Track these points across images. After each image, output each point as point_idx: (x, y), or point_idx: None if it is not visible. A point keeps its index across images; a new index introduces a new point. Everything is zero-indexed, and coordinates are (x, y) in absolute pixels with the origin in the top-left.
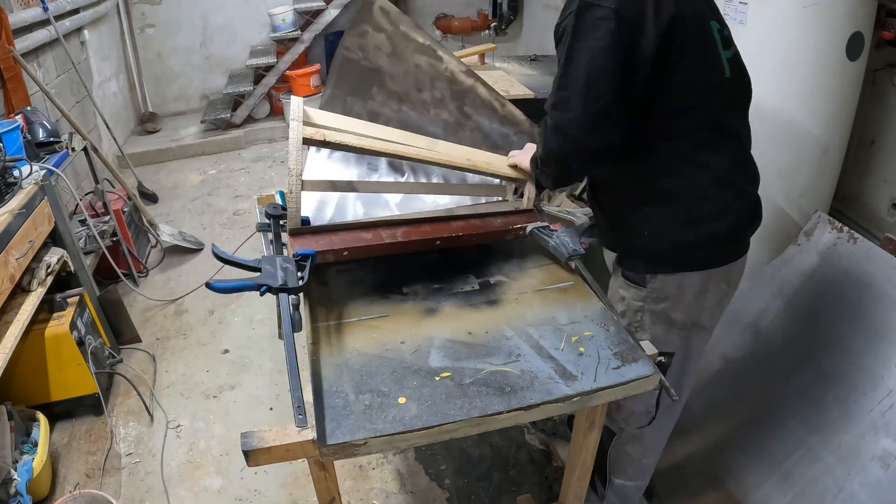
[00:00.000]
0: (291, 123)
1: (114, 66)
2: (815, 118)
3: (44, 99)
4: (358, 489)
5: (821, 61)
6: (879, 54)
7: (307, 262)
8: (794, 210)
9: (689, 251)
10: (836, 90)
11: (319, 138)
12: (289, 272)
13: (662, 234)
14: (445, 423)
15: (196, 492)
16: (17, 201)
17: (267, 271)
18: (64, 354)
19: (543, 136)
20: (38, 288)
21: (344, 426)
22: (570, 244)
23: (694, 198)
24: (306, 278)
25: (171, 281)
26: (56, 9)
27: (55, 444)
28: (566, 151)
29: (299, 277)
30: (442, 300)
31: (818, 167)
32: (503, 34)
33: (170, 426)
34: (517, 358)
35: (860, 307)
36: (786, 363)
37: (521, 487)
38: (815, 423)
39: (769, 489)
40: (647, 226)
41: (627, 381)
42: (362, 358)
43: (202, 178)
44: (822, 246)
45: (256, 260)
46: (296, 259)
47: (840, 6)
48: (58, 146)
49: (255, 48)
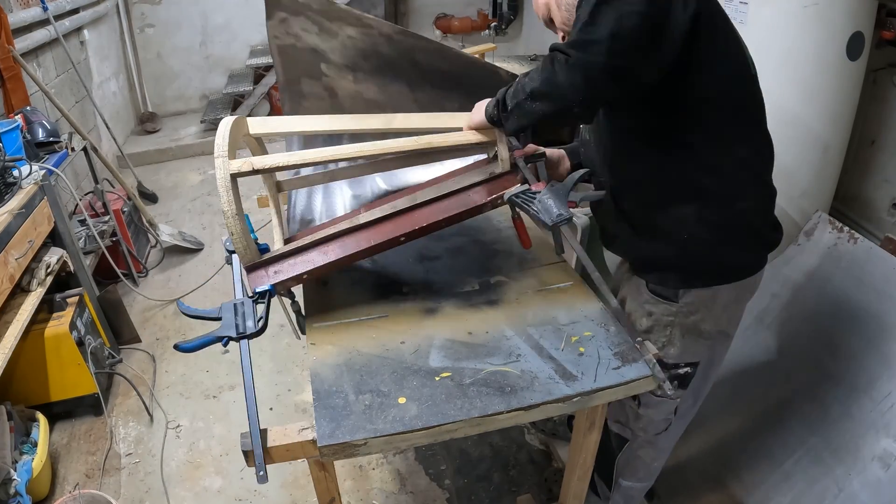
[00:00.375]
0: (216, 161)
1: (113, 66)
2: (815, 118)
3: (43, 99)
4: (358, 489)
5: (821, 61)
6: (880, 54)
7: (265, 299)
8: (794, 210)
9: (726, 258)
10: (837, 90)
11: (248, 169)
12: (246, 316)
13: (699, 236)
14: (445, 423)
15: (196, 492)
16: (16, 201)
17: (226, 321)
18: (63, 354)
19: (547, 71)
20: (38, 288)
21: (344, 426)
22: (553, 208)
23: (732, 196)
24: (266, 318)
25: (170, 281)
26: (56, 8)
27: (55, 445)
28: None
29: (258, 318)
30: (442, 300)
31: (818, 167)
32: (503, 34)
33: (169, 426)
34: (517, 358)
35: (860, 307)
36: (786, 363)
37: (521, 488)
38: (816, 424)
39: (769, 489)
40: (683, 228)
41: (628, 382)
42: (362, 358)
43: (202, 177)
44: (823, 246)
45: (217, 309)
46: (253, 298)
47: (840, 6)
48: (57, 146)
49: (254, 48)
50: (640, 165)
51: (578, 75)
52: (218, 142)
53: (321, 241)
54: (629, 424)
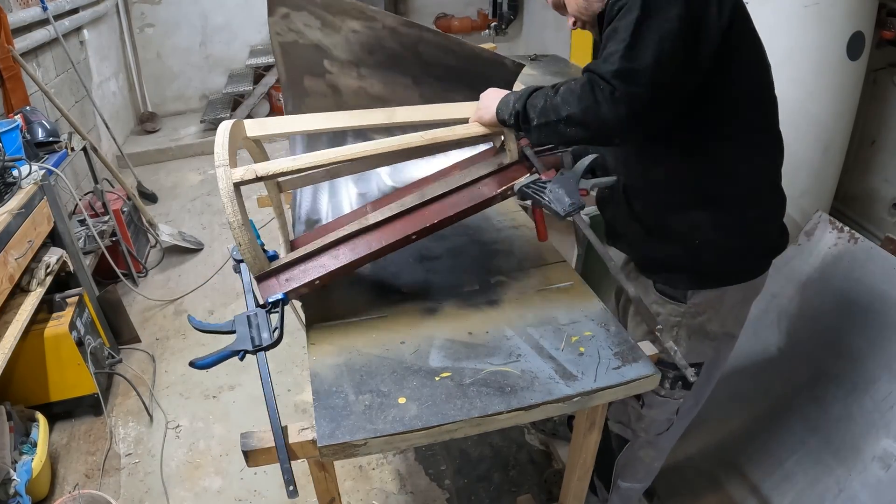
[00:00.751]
0: (217, 171)
1: (113, 66)
2: (815, 118)
3: (43, 99)
4: (358, 489)
5: (821, 61)
6: (880, 54)
7: (279, 308)
8: (794, 210)
9: (736, 262)
10: (837, 90)
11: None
12: (261, 328)
13: (713, 241)
14: (445, 423)
15: (196, 492)
16: (16, 201)
17: (241, 334)
18: (63, 354)
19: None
20: (38, 288)
21: (344, 426)
22: (565, 196)
23: (747, 202)
24: (281, 328)
25: (170, 281)
26: (55, 8)
27: (54, 445)
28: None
29: (273, 329)
30: (442, 300)
31: (819, 167)
32: (503, 34)
33: (169, 426)
34: (517, 358)
35: (861, 307)
36: (786, 363)
37: (521, 488)
38: (816, 424)
39: (770, 489)
40: (697, 233)
41: (628, 381)
42: (362, 358)
43: (202, 177)
44: (823, 246)
45: (230, 322)
46: (266, 309)
47: (841, 6)
48: (57, 146)
49: (254, 48)
50: (658, 169)
51: (623, 109)
52: (217, 150)
53: (331, 245)
54: (631, 425)
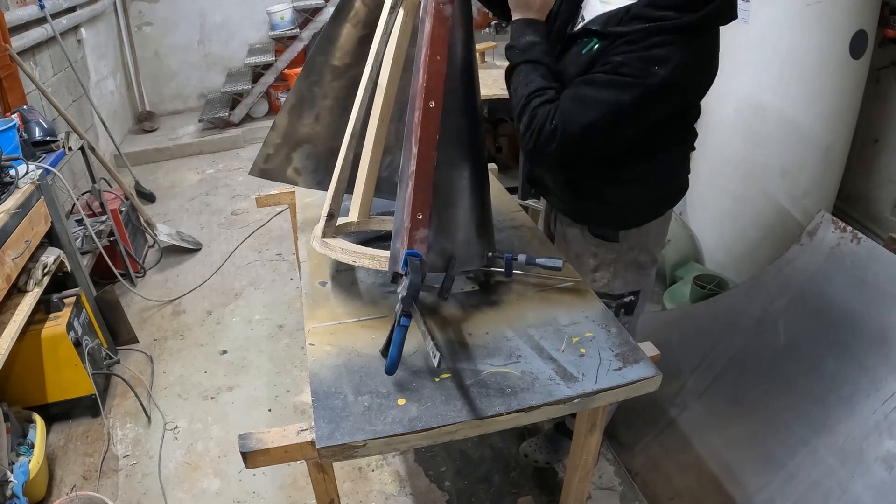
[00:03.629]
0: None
1: (111, 65)
2: (818, 117)
3: (40, 97)
4: (357, 491)
5: (824, 60)
6: (883, 52)
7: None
8: (797, 209)
9: (658, 207)
10: (840, 89)
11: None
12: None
13: (641, 202)
14: (445, 424)
15: (194, 494)
16: (13, 201)
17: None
18: (60, 355)
19: (536, 119)
20: (35, 288)
21: (343, 428)
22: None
23: (675, 178)
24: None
25: (168, 281)
26: (53, 6)
27: (52, 446)
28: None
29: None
30: (441, 300)
31: (821, 166)
32: (504, 32)
33: (167, 428)
34: (517, 359)
35: (864, 307)
36: (789, 364)
37: (522, 490)
38: (819, 425)
39: (772, 491)
40: (627, 200)
41: (629, 383)
42: (361, 359)
43: (200, 177)
44: (826, 246)
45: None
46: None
47: (843, 4)
48: (54, 145)
49: (253, 46)
50: (601, 160)
51: (553, 145)
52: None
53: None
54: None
